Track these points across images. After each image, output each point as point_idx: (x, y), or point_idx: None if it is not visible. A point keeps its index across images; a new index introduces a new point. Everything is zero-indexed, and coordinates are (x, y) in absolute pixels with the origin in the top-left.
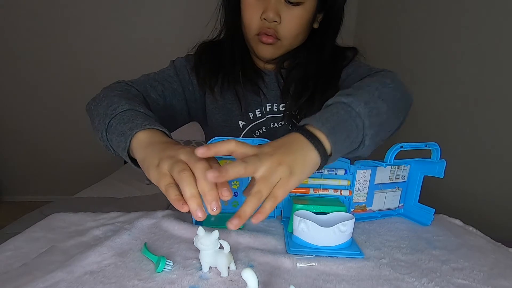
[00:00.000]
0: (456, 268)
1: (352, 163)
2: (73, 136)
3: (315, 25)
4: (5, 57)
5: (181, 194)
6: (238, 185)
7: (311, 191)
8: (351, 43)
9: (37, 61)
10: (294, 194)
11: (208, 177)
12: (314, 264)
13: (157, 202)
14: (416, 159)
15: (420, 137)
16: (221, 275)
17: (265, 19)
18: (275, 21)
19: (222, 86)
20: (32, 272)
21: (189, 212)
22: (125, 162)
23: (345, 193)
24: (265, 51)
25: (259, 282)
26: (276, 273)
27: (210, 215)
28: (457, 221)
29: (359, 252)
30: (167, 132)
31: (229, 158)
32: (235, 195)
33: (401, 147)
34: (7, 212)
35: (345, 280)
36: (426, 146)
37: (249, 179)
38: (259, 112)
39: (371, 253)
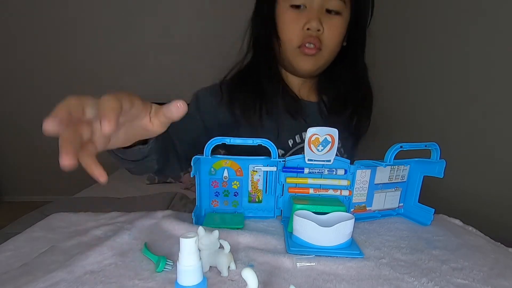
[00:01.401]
0: (456, 268)
1: (352, 163)
2: None
3: (344, 42)
4: (5, 57)
5: None
6: (238, 185)
7: (311, 191)
8: None
9: (37, 61)
10: (294, 194)
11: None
12: (314, 264)
13: (157, 202)
14: (416, 159)
15: (420, 137)
16: (221, 274)
17: (308, 28)
18: (319, 30)
19: (261, 117)
20: (32, 272)
21: (190, 212)
22: None
23: (345, 193)
24: (307, 63)
25: (259, 282)
26: (276, 273)
27: (210, 214)
28: (457, 221)
29: (359, 252)
30: None
31: (229, 158)
32: (235, 195)
33: (401, 147)
34: (7, 212)
35: (345, 280)
36: (426, 146)
37: (249, 180)
38: (299, 138)
39: (371, 253)
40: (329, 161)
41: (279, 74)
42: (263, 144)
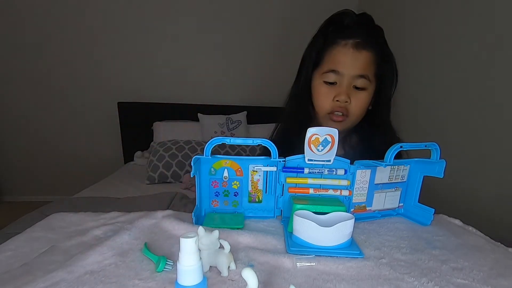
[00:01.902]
0: (456, 268)
1: (351, 163)
2: (74, 136)
3: (369, 106)
4: (5, 57)
5: None
6: (238, 185)
7: (311, 191)
8: None
9: (38, 62)
10: (294, 194)
11: None
12: (314, 263)
13: (157, 202)
14: (416, 159)
15: (420, 137)
16: (221, 274)
17: (338, 100)
18: (346, 102)
19: None
20: (32, 272)
21: (190, 212)
22: (125, 162)
23: (345, 193)
24: (335, 126)
25: (259, 282)
26: (276, 273)
27: (211, 214)
28: (457, 221)
29: (359, 252)
30: None
31: (229, 158)
32: (235, 195)
33: (401, 147)
34: (7, 212)
35: (345, 280)
36: (425, 146)
37: (249, 180)
38: None
39: (371, 253)
40: (329, 161)
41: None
42: (263, 144)
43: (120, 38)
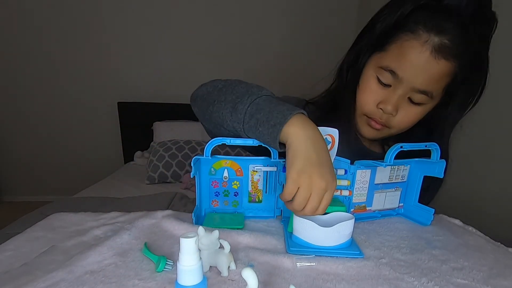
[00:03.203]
0: (456, 267)
1: (352, 163)
2: (74, 136)
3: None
4: (5, 57)
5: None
6: (238, 185)
7: None
8: None
9: (37, 62)
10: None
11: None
12: (314, 263)
13: (157, 202)
14: (416, 159)
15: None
16: (221, 274)
17: (381, 108)
18: (391, 114)
19: None
20: (32, 271)
21: (190, 212)
22: (125, 162)
23: (345, 193)
24: (369, 133)
25: (259, 282)
26: (276, 273)
27: (211, 214)
28: (457, 221)
29: (358, 252)
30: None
31: (229, 158)
32: (235, 195)
33: (401, 147)
34: (7, 212)
35: (345, 280)
36: (426, 146)
37: (249, 180)
38: None
39: (371, 253)
40: None
41: (350, 124)
42: (263, 145)
43: (120, 38)
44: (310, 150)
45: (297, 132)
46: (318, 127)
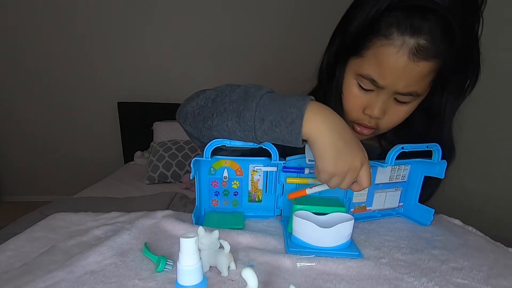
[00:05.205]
0: (456, 267)
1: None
2: (74, 136)
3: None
4: (6, 57)
5: None
6: (238, 185)
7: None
8: None
9: (37, 62)
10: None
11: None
12: (314, 263)
13: (157, 202)
14: (417, 159)
15: None
16: (221, 274)
17: (368, 114)
18: (379, 118)
19: None
20: (32, 271)
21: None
22: (125, 162)
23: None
24: (359, 135)
25: (259, 282)
26: (276, 273)
27: (210, 214)
28: (457, 221)
29: (358, 253)
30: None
31: (229, 158)
32: (235, 195)
33: (402, 148)
34: (7, 212)
35: (345, 280)
36: (427, 147)
37: (249, 180)
38: None
39: (371, 253)
40: None
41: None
42: (263, 147)
43: (120, 38)
44: (334, 138)
45: (317, 122)
46: None
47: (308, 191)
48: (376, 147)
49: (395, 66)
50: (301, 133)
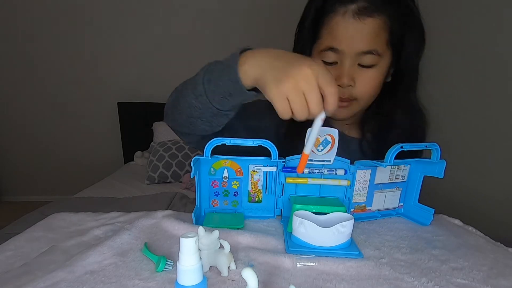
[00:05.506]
0: (456, 267)
1: (352, 163)
2: (74, 136)
3: (388, 79)
4: (6, 57)
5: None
6: (238, 185)
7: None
8: None
9: (37, 62)
10: (294, 194)
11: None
12: (314, 263)
13: (157, 202)
14: (416, 159)
15: None
16: (221, 274)
17: (339, 85)
18: (350, 85)
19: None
20: (32, 271)
21: (190, 212)
22: (125, 162)
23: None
24: (340, 113)
25: (259, 282)
26: (276, 273)
27: (210, 214)
28: (457, 221)
29: (358, 253)
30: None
31: (229, 158)
32: (235, 195)
33: (401, 147)
34: (7, 212)
35: (345, 280)
36: (426, 146)
37: (249, 180)
38: None
39: (371, 253)
40: (329, 161)
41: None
42: (263, 145)
43: (120, 38)
44: (271, 61)
45: (252, 58)
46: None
47: (306, 150)
48: (356, 138)
49: (345, 28)
50: (238, 74)
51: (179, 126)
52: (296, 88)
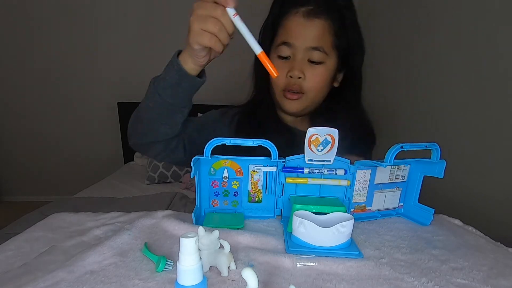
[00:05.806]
0: (456, 267)
1: (352, 163)
2: (74, 136)
3: (336, 84)
4: (5, 58)
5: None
6: (238, 185)
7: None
8: None
9: (37, 62)
10: (294, 194)
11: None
12: (314, 263)
13: (157, 202)
14: (416, 159)
15: (420, 137)
16: (221, 274)
17: (291, 76)
18: (300, 77)
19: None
20: (32, 271)
21: (190, 212)
22: (125, 162)
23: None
24: (292, 105)
25: (259, 282)
26: (276, 273)
27: (210, 214)
28: (457, 221)
29: (358, 253)
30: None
31: (229, 158)
32: (235, 195)
33: (401, 147)
34: (7, 212)
35: (345, 280)
36: (426, 146)
37: (248, 180)
38: None
39: (371, 253)
40: (329, 161)
41: (276, 113)
42: (263, 145)
43: (120, 37)
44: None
45: (186, 50)
46: (318, 127)
47: (256, 50)
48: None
49: (296, 25)
50: (180, 62)
51: (143, 136)
52: (199, 18)
